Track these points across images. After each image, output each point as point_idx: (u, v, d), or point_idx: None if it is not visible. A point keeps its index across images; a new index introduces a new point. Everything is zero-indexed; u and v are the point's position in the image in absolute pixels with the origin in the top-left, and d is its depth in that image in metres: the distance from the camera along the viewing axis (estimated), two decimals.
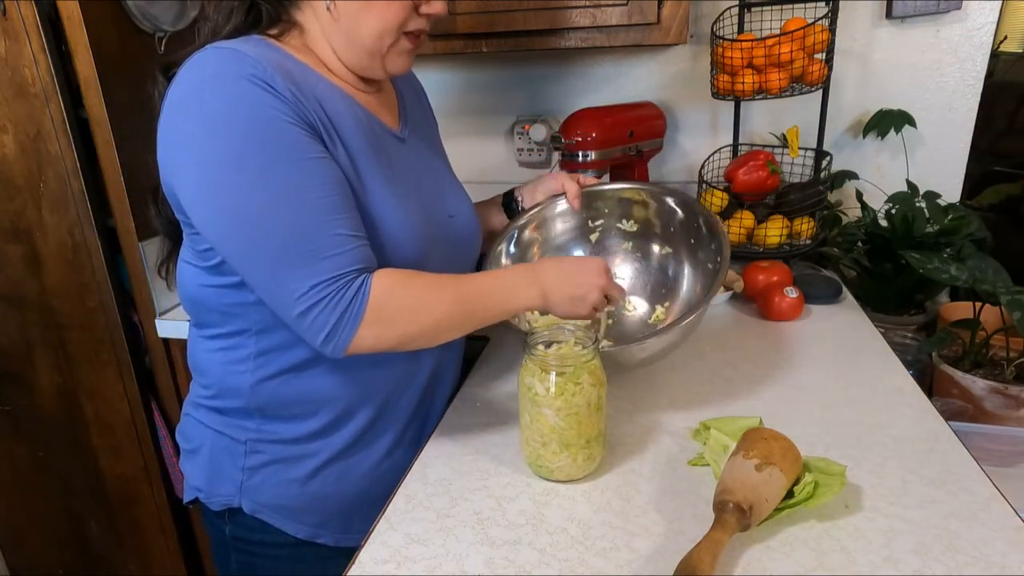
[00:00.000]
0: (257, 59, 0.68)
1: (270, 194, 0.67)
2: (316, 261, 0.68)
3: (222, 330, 0.81)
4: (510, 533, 0.68)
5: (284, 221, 0.67)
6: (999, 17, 1.36)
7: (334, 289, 0.68)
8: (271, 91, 0.68)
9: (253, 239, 0.68)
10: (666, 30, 1.22)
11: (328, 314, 0.68)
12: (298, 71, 0.73)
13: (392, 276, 0.72)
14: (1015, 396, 1.07)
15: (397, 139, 0.85)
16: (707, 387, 0.95)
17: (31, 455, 1.63)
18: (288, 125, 0.68)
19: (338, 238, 0.69)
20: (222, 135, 0.67)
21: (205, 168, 0.68)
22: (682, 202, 1.02)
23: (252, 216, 0.67)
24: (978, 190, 1.75)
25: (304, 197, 0.68)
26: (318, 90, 0.74)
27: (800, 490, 0.67)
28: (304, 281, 0.68)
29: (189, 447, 0.89)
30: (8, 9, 1.25)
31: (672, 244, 1.04)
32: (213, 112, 0.67)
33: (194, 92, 0.68)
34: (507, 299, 0.78)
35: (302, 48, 0.78)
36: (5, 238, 1.43)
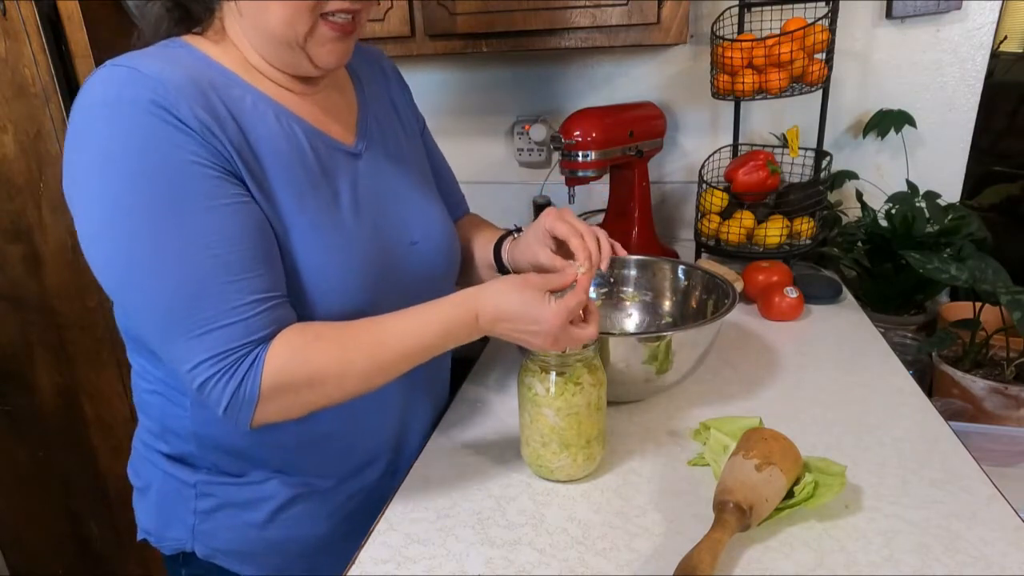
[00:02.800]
0: (160, 79, 0.59)
1: (159, 249, 0.58)
2: (205, 333, 0.59)
3: (157, 370, 0.73)
4: (510, 533, 0.68)
5: (173, 282, 0.58)
6: (999, 17, 1.36)
7: (224, 366, 0.60)
8: (172, 121, 0.58)
9: (140, 298, 0.60)
10: (666, 30, 1.22)
11: (220, 392, 0.60)
12: (220, 82, 0.65)
13: (291, 344, 0.62)
14: (1015, 396, 1.07)
15: (349, 155, 0.74)
16: (707, 387, 0.95)
17: (31, 455, 1.63)
18: (190, 164, 0.59)
19: (233, 307, 0.60)
20: (110, 175, 0.58)
21: (93, 211, 0.59)
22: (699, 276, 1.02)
23: (140, 272, 0.59)
24: (978, 190, 1.75)
25: (199, 255, 0.59)
26: (243, 106, 0.65)
27: (800, 490, 0.67)
28: (192, 355, 0.59)
29: (139, 484, 0.82)
30: (8, 9, 1.25)
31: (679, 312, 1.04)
32: (101, 146, 0.58)
33: (84, 120, 0.59)
34: (439, 345, 0.68)
35: (226, 46, 0.69)
36: (5, 238, 1.43)
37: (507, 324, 0.68)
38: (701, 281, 1.02)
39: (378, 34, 1.31)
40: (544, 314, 0.66)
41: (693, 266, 1.04)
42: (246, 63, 0.69)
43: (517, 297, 0.67)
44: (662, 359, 0.83)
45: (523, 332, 0.68)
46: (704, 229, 1.33)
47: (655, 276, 1.06)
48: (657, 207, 1.61)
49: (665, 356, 0.83)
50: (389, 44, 1.33)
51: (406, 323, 0.67)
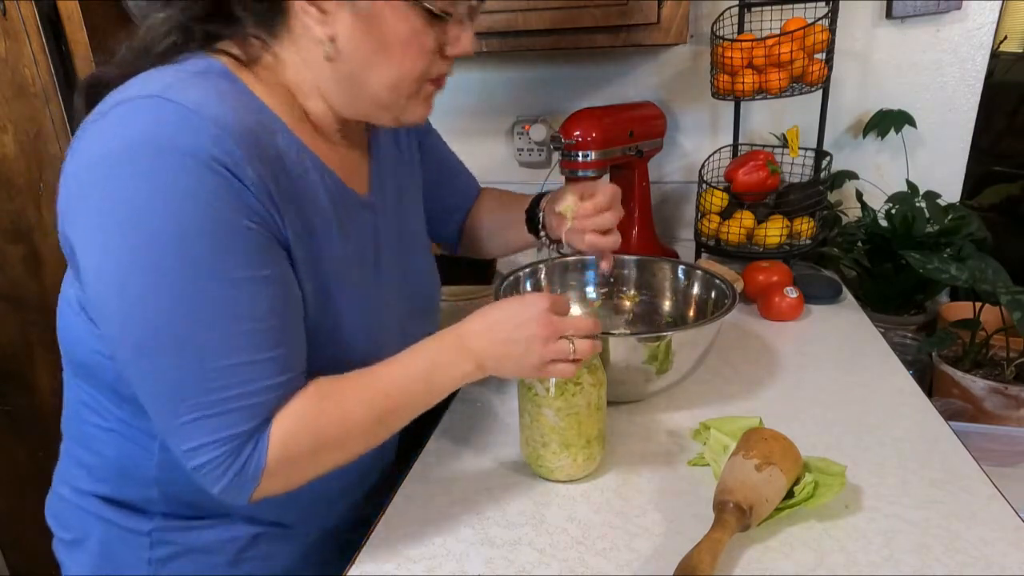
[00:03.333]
0: (219, 124, 0.52)
1: (190, 318, 0.53)
2: (216, 415, 0.54)
3: (116, 410, 0.66)
4: (510, 533, 0.68)
5: (198, 355, 0.53)
6: (999, 17, 1.36)
7: (227, 451, 0.55)
8: (232, 181, 0.53)
9: (154, 364, 0.54)
10: (666, 30, 1.21)
11: (220, 477, 0.56)
12: (265, 124, 0.58)
13: (295, 416, 0.58)
14: (1015, 396, 1.07)
15: (367, 207, 0.71)
16: (707, 387, 0.95)
17: (31, 455, 1.63)
18: (242, 229, 0.54)
19: (253, 389, 0.55)
20: (150, 230, 0.51)
21: (120, 263, 0.52)
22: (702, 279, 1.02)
23: (162, 338, 0.53)
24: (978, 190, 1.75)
25: (229, 329, 0.54)
26: (289, 158, 0.60)
27: (800, 490, 0.67)
28: (196, 435, 0.55)
29: (68, 537, 0.73)
30: (8, 9, 1.25)
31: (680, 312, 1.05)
32: (145, 197, 0.51)
33: (123, 160, 0.51)
34: (435, 382, 0.64)
35: (273, 84, 0.62)
36: (5, 238, 1.43)
37: (494, 334, 0.65)
38: (701, 281, 1.02)
39: None
40: (526, 307, 0.65)
41: (693, 266, 1.04)
42: (294, 107, 0.63)
43: (499, 306, 0.67)
44: (662, 359, 0.83)
45: (513, 337, 0.65)
46: (704, 229, 1.33)
47: (655, 276, 1.06)
48: (657, 207, 1.61)
49: (665, 356, 0.83)
50: None
51: (397, 368, 0.64)
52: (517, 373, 0.67)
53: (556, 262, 1.07)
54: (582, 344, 0.67)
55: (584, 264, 1.08)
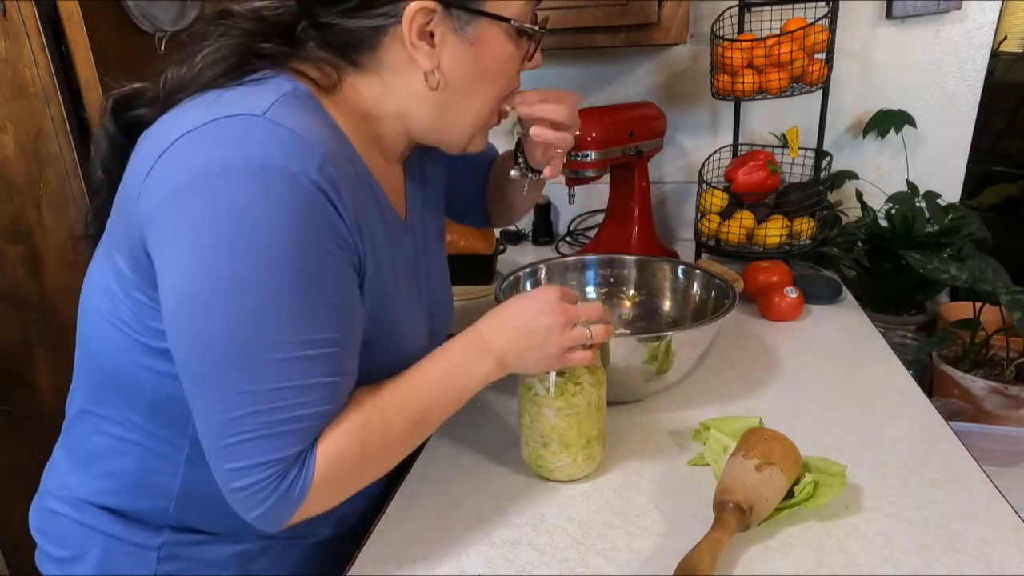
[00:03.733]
0: (320, 151, 0.53)
1: (278, 338, 0.53)
2: (263, 437, 0.54)
3: (145, 423, 0.65)
4: (510, 533, 0.68)
5: (253, 378, 0.53)
6: (999, 17, 1.36)
7: (273, 472, 0.54)
8: (329, 207, 0.53)
9: (227, 382, 0.54)
10: (666, 30, 1.21)
11: (261, 501, 0.55)
12: (346, 156, 0.59)
13: (338, 438, 0.58)
14: (1015, 396, 1.07)
15: (403, 228, 0.71)
16: (707, 387, 0.95)
17: (31, 455, 1.63)
18: (333, 254, 0.55)
19: (302, 412, 0.55)
20: (252, 250, 0.51)
21: (198, 280, 0.52)
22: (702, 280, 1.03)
23: (244, 356, 0.53)
24: (978, 190, 1.75)
25: (295, 355, 0.54)
26: (359, 180, 0.61)
27: (800, 490, 0.67)
28: (242, 456, 0.54)
29: (62, 554, 0.71)
30: (8, 9, 1.25)
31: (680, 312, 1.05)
32: (244, 215, 0.51)
33: (227, 178, 0.51)
34: (462, 383, 0.66)
35: (347, 111, 0.63)
36: (5, 238, 1.43)
37: (511, 330, 0.67)
38: (701, 281, 1.02)
39: None
40: (538, 300, 0.68)
41: (693, 266, 1.04)
42: (365, 131, 0.65)
43: (511, 302, 0.69)
44: (662, 359, 0.83)
45: (530, 329, 0.66)
46: (704, 229, 1.33)
47: (655, 276, 1.06)
48: (657, 207, 1.61)
49: (665, 356, 0.83)
50: None
51: (423, 375, 0.65)
52: (539, 365, 0.69)
53: (556, 262, 1.07)
54: (598, 329, 0.69)
55: (584, 264, 1.08)
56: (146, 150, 0.56)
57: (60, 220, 1.38)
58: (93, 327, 0.65)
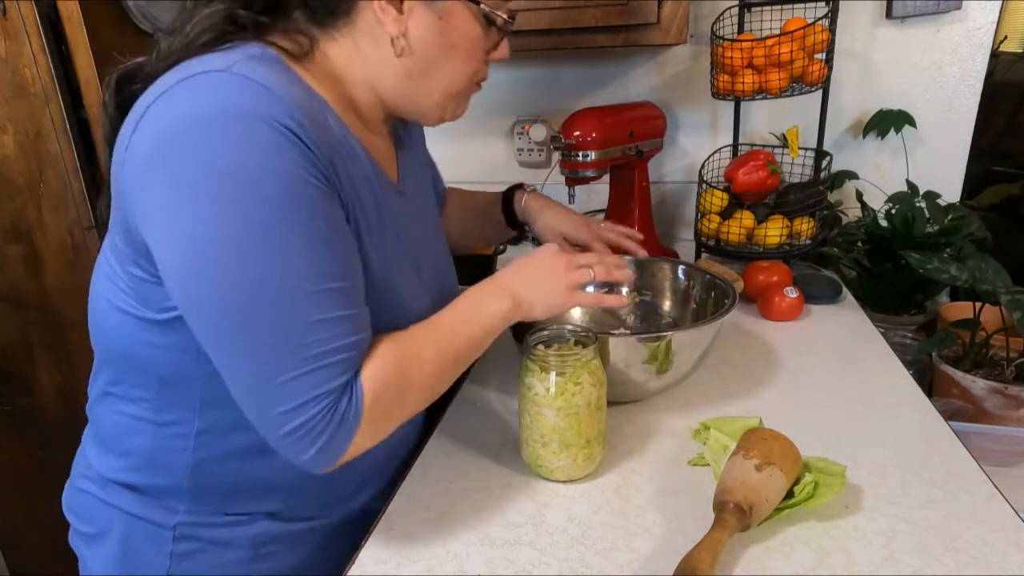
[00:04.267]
0: (287, 98, 0.55)
1: (288, 277, 0.54)
2: (311, 372, 0.55)
3: (156, 399, 0.67)
4: (510, 533, 0.68)
5: (294, 313, 0.55)
6: (999, 17, 1.36)
7: (327, 405, 0.56)
8: (306, 150, 0.55)
9: (249, 328, 0.55)
10: (666, 30, 1.21)
11: (316, 436, 0.56)
12: (317, 110, 0.60)
13: (378, 365, 0.60)
14: (1015, 396, 1.07)
15: (396, 192, 0.73)
16: (707, 387, 0.95)
17: (31, 455, 1.63)
18: (320, 192, 0.56)
19: (344, 343, 0.57)
20: (243, 194, 0.52)
21: (204, 234, 0.53)
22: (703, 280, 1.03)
23: (259, 299, 0.54)
24: (978, 190, 1.75)
25: (323, 285, 0.56)
26: (336, 138, 0.62)
27: (800, 490, 0.67)
28: (291, 396, 0.55)
29: (89, 530, 0.74)
30: (8, 9, 1.25)
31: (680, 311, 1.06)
32: (227, 161, 0.52)
33: (202, 128, 0.52)
34: (481, 321, 0.69)
35: (322, 76, 0.65)
36: (5, 238, 1.43)
37: (523, 272, 0.74)
38: (701, 281, 1.02)
39: None
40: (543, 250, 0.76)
41: (693, 266, 1.04)
42: (342, 97, 0.66)
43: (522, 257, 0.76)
44: (662, 359, 0.83)
45: (539, 268, 0.74)
46: (704, 229, 1.33)
47: (655, 276, 1.06)
48: (657, 207, 1.61)
49: (665, 356, 0.83)
50: None
51: (447, 314, 0.69)
52: (550, 302, 0.74)
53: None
54: (600, 268, 0.77)
55: None
56: (128, 122, 0.57)
57: (60, 220, 1.39)
58: (100, 311, 0.67)
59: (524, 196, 1.02)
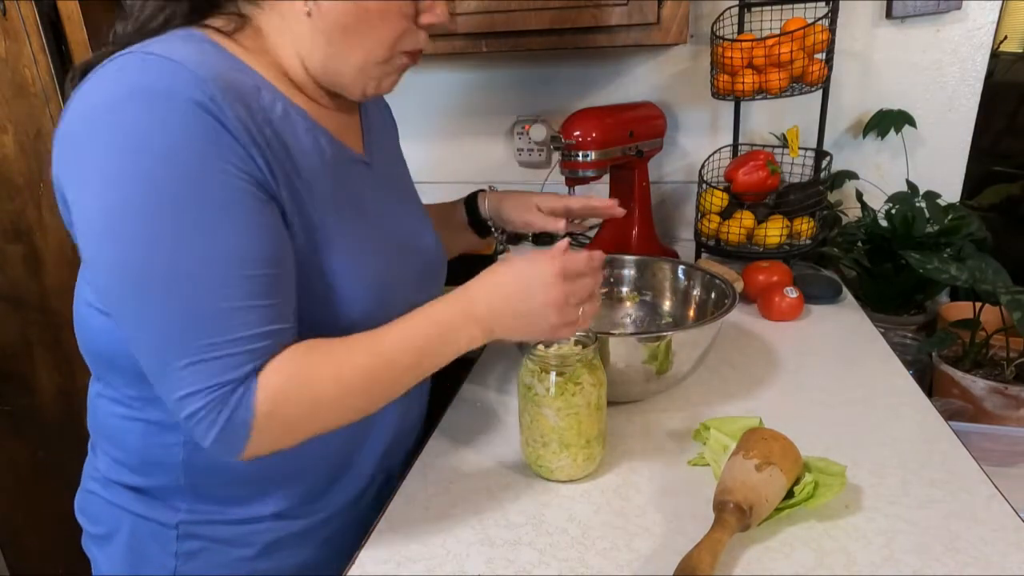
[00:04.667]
0: (200, 75, 0.54)
1: (179, 261, 0.53)
2: (202, 361, 0.54)
3: (139, 397, 0.67)
4: (510, 533, 0.68)
5: (185, 300, 0.54)
6: (999, 17, 1.36)
7: (215, 399, 0.55)
8: (216, 125, 0.54)
9: (141, 311, 0.55)
10: (666, 30, 1.21)
11: (210, 425, 0.55)
12: (251, 85, 0.60)
13: (285, 368, 0.57)
14: (1015, 396, 1.07)
15: (362, 164, 0.72)
16: (707, 387, 0.95)
17: (31, 455, 1.63)
18: (228, 173, 0.55)
19: (239, 336, 0.55)
20: (139, 172, 0.52)
21: (110, 211, 0.53)
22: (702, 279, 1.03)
23: (151, 282, 0.54)
24: (978, 190, 1.75)
25: (218, 275, 0.54)
26: (274, 114, 0.61)
27: (800, 490, 0.67)
28: (185, 383, 0.55)
29: (98, 531, 0.74)
30: (8, 9, 1.25)
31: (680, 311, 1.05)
32: (133, 139, 0.52)
33: (112, 109, 0.53)
34: (442, 352, 0.64)
35: (257, 51, 0.64)
36: (5, 238, 1.43)
37: (505, 303, 0.64)
38: (701, 281, 1.02)
39: None
40: (538, 272, 0.64)
41: (693, 266, 1.04)
42: (281, 74, 0.65)
43: (509, 270, 0.66)
44: (662, 359, 0.83)
45: (525, 308, 0.64)
46: (704, 229, 1.33)
47: (655, 276, 1.06)
48: (657, 207, 1.61)
49: (665, 356, 0.83)
50: None
51: (400, 330, 0.63)
52: (526, 339, 0.69)
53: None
54: (589, 309, 0.68)
55: None
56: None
57: (60, 220, 1.38)
58: (81, 314, 0.69)
59: (486, 196, 1.00)
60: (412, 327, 0.64)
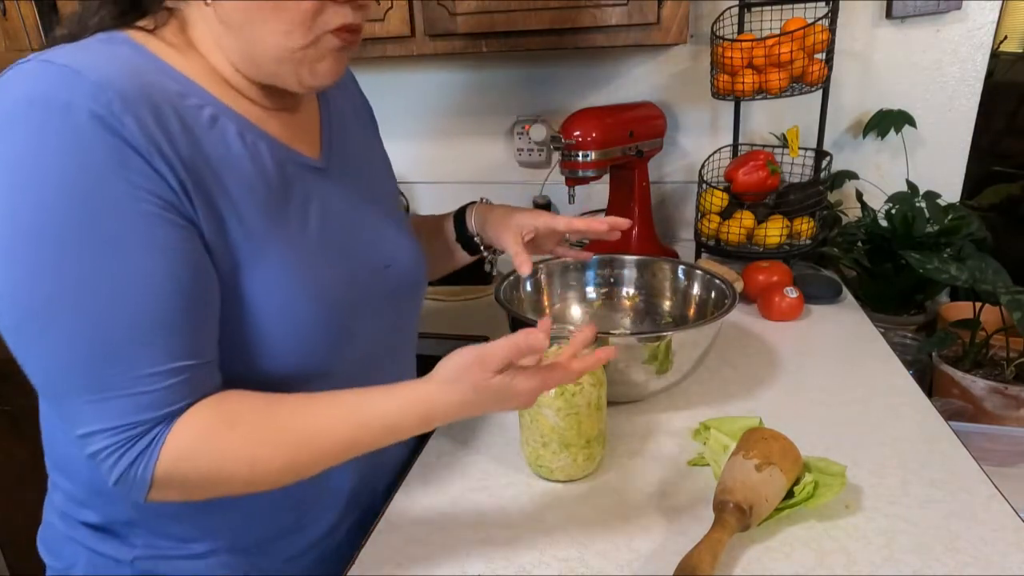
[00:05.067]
0: (102, 83, 0.49)
1: (69, 291, 0.48)
2: (104, 400, 0.50)
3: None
4: (510, 533, 0.68)
5: (79, 335, 0.49)
6: (999, 17, 1.36)
7: (119, 441, 0.51)
8: (113, 139, 0.48)
9: (35, 345, 0.50)
10: (666, 30, 1.22)
11: (111, 467, 0.51)
12: (174, 90, 0.54)
13: (198, 431, 0.53)
14: (1015, 396, 1.07)
15: (316, 171, 0.65)
16: (707, 387, 0.95)
17: (31, 455, 1.62)
18: (127, 193, 0.49)
19: (144, 374, 0.51)
20: (26, 191, 0.47)
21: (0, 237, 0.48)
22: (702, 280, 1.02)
23: (41, 315, 0.49)
24: (978, 190, 1.75)
25: (115, 307, 0.49)
26: (200, 120, 0.55)
27: (800, 490, 0.67)
28: (86, 421, 0.51)
29: (57, 567, 0.70)
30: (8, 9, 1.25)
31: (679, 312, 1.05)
32: (19, 154, 0.47)
33: (2, 125, 0.48)
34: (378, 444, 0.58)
35: (184, 48, 0.58)
36: None
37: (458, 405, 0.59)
38: (701, 281, 1.02)
39: (378, 34, 1.31)
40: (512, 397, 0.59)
41: (693, 266, 1.04)
42: (212, 73, 0.58)
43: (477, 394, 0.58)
44: (662, 359, 0.83)
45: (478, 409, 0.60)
46: (704, 229, 1.33)
47: (655, 276, 1.06)
48: (657, 207, 1.61)
49: (665, 356, 0.83)
50: (389, 44, 1.33)
51: (343, 416, 0.57)
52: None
53: (556, 262, 1.07)
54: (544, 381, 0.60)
55: (584, 264, 1.08)
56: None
57: None
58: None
59: (474, 210, 0.91)
60: (356, 417, 0.57)
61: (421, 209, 1.79)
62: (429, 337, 1.20)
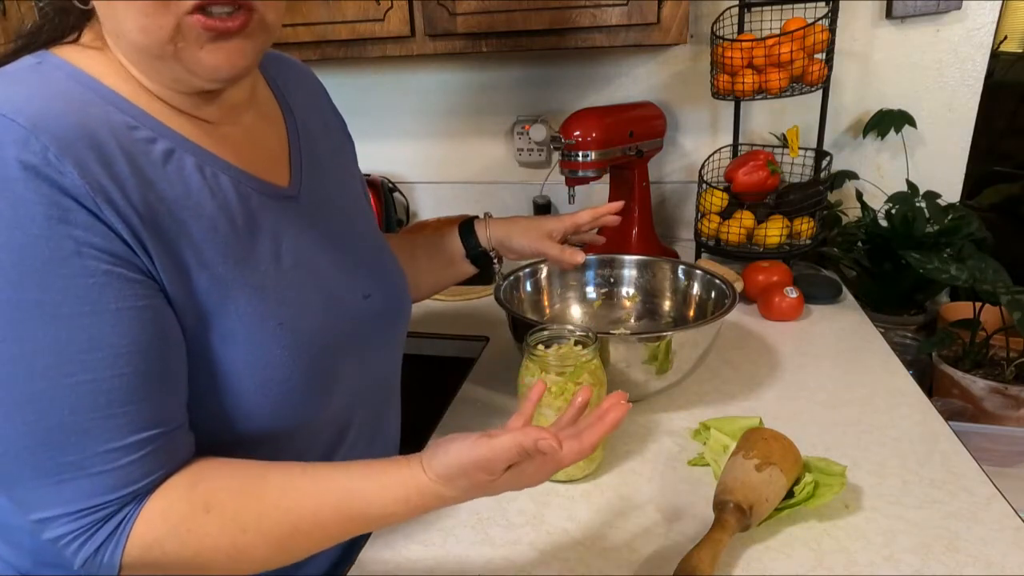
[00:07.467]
0: (36, 128, 0.43)
1: (15, 365, 0.44)
2: (63, 482, 0.45)
3: None
4: (510, 533, 0.68)
5: (30, 411, 0.44)
6: (999, 17, 1.36)
7: (83, 526, 0.46)
8: (50, 192, 0.43)
9: None
10: (666, 30, 1.21)
11: (75, 553, 0.47)
12: (118, 121, 0.49)
13: (171, 514, 0.48)
14: (1015, 396, 1.07)
15: (285, 199, 0.60)
16: (707, 387, 0.95)
17: None
18: (71, 252, 0.44)
19: (106, 451, 0.46)
20: None
21: None
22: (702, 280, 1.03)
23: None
24: (978, 190, 1.75)
25: (68, 378, 0.44)
26: (151, 157, 0.50)
27: (800, 490, 0.67)
28: (44, 506, 0.46)
29: None
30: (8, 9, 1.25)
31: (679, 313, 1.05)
32: None
33: None
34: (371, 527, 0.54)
35: (113, 61, 0.52)
36: None
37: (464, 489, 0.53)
38: (701, 281, 1.02)
39: (378, 34, 1.31)
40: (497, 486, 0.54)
41: (693, 266, 1.04)
42: (138, 85, 0.52)
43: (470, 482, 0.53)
44: (662, 359, 0.83)
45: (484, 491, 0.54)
46: (704, 229, 1.33)
47: (655, 276, 1.06)
48: (657, 207, 1.61)
49: (665, 356, 0.83)
50: (389, 44, 1.33)
51: (332, 505, 0.51)
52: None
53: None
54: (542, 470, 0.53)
55: (584, 264, 1.08)
56: None
57: None
58: None
59: (487, 225, 0.90)
60: (345, 510, 0.51)
61: (421, 210, 1.79)
62: (429, 337, 1.20)
